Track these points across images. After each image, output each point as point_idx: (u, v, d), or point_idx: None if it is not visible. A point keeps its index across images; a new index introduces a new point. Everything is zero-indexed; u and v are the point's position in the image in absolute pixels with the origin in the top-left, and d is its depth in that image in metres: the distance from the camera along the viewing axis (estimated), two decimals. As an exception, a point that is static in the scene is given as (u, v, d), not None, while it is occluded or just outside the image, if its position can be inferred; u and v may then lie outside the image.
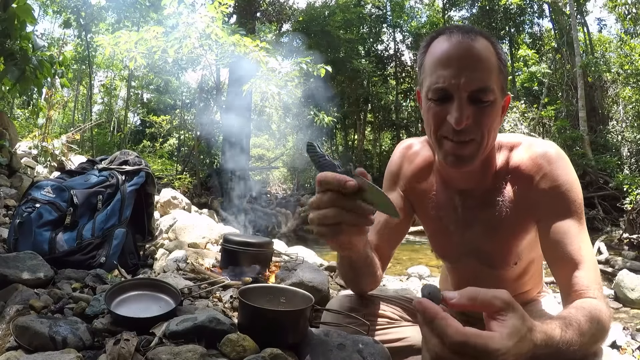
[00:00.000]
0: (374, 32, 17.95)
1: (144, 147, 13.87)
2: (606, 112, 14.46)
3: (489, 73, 0.90)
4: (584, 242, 0.92)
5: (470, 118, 0.90)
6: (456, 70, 0.89)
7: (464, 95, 0.89)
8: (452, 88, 0.89)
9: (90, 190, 2.20)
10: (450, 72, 0.89)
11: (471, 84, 0.88)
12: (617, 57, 13.20)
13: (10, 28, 3.22)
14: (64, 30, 13.67)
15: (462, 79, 0.88)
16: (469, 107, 0.89)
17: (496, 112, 0.94)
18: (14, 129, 4.64)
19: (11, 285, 1.45)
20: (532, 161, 0.99)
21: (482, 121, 0.91)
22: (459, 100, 0.89)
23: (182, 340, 1.03)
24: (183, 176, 10.35)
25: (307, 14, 14.64)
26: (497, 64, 0.93)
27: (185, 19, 6.92)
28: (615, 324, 3.38)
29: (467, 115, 0.89)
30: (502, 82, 0.94)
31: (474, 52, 0.90)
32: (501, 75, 0.94)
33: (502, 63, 0.94)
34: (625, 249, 7.00)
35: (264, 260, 2.20)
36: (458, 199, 1.10)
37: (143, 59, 7.23)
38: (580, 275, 0.88)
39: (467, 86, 0.88)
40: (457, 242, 1.13)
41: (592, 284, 0.87)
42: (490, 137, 0.94)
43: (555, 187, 0.96)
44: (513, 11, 15.82)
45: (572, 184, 0.96)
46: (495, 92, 0.91)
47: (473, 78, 0.88)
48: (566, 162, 0.98)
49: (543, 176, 0.97)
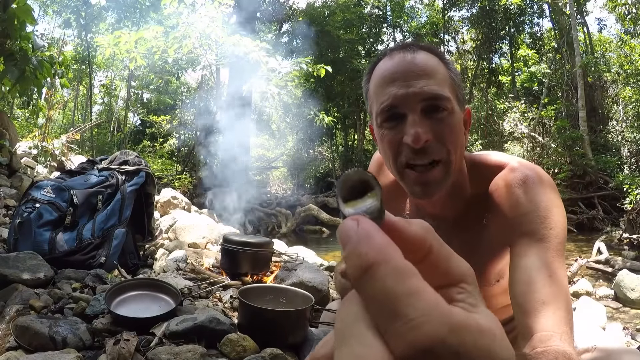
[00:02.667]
0: (374, 32, 17.96)
1: (144, 147, 13.86)
2: (606, 112, 14.47)
3: (438, 81, 0.83)
4: (555, 275, 0.79)
5: (430, 133, 0.80)
6: (403, 82, 0.81)
7: (417, 107, 0.81)
8: (402, 102, 0.81)
9: (90, 190, 2.21)
10: (396, 86, 0.81)
11: (422, 92, 0.80)
12: (617, 57, 13.22)
13: (10, 28, 3.22)
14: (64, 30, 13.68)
15: (410, 88, 0.80)
16: (425, 121, 0.81)
17: (458, 124, 0.84)
18: (14, 129, 4.64)
19: (11, 285, 1.45)
20: (508, 188, 0.90)
21: (444, 135, 0.81)
22: (412, 115, 0.80)
23: (182, 340, 1.03)
24: (183, 176, 10.36)
25: (307, 14, 14.64)
26: (447, 74, 0.85)
27: (185, 19, 6.93)
28: (615, 324, 3.38)
29: (424, 130, 0.80)
30: (457, 93, 0.86)
31: (419, 63, 0.83)
32: (454, 87, 0.86)
33: (452, 73, 0.87)
34: (625, 249, 7.00)
35: (264, 260, 2.20)
36: (431, 222, 1.04)
37: (143, 59, 7.23)
38: (545, 316, 0.74)
39: (418, 96, 0.80)
40: None
41: (558, 327, 0.73)
42: (457, 155, 0.84)
43: (530, 212, 0.85)
44: (513, 11, 15.82)
45: (550, 210, 0.85)
46: (451, 100, 0.83)
47: (422, 86, 0.80)
48: (547, 189, 0.88)
49: (519, 204, 0.88)
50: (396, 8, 18.17)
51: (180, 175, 10.40)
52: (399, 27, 18.51)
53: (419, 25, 18.65)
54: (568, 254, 6.75)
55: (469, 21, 17.14)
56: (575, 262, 5.15)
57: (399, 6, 18.20)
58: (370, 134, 5.15)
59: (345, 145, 18.76)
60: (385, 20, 18.28)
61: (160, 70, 9.44)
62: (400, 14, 18.31)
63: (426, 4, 19.17)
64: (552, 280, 0.77)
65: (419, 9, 19.35)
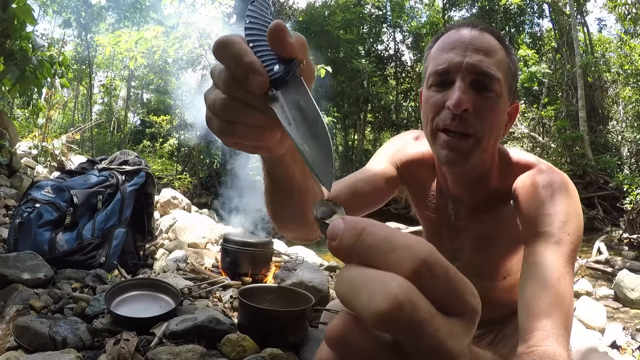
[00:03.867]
0: (374, 32, 17.97)
1: (144, 147, 13.86)
2: (606, 112, 14.48)
3: (495, 62, 0.85)
4: (564, 280, 0.82)
5: (471, 106, 0.83)
6: (461, 50, 0.84)
7: (467, 78, 0.83)
8: (454, 68, 0.84)
9: (90, 190, 2.21)
10: (454, 53, 0.85)
11: (476, 65, 0.83)
12: (617, 57, 13.22)
13: (10, 28, 3.22)
14: (64, 30, 13.67)
15: (466, 58, 0.83)
16: (471, 92, 0.83)
17: (501, 109, 0.87)
18: (14, 129, 4.64)
19: (11, 285, 1.45)
20: (534, 188, 0.92)
21: (483, 113, 0.84)
22: (460, 82, 0.83)
23: (182, 340, 1.03)
24: (183, 176, 10.36)
25: (307, 14, 14.65)
26: (506, 59, 0.88)
27: (186, 18, 6.93)
28: (615, 324, 3.38)
29: (467, 99, 0.82)
30: (510, 82, 0.88)
31: (482, 39, 0.85)
32: (509, 75, 0.88)
33: (511, 62, 0.89)
34: (625, 249, 7.00)
35: (264, 260, 2.20)
36: (452, 205, 1.05)
37: (143, 59, 7.23)
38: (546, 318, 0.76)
39: (471, 67, 0.83)
40: (447, 248, 1.11)
41: (557, 329, 0.76)
42: (490, 138, 0.86)
43: (551, 215, 0.87)
44: (513, 11, 15.83)
45: (570, 216, 0.87)
46: (502, 86, 0.85)
47: (478, 60, 0.83)
48: (570, 195, 0.90)
49: (541, 203, 0.90)
50: (396, 8, 18.18)
51: (180, 175, 10.40)
52: (399, 27, 18.52)
53: (419, 25, 18.65)
54: (568, 254, 6.74)
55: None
56: (575, 262, 5.15)
57: (399, 6, 18.20)
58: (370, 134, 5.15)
59: (345, 145, 18.76)
60: (385, 20, 18.28)
61: (160, 70, 9.43)
62: (400, 14, 18.32)
63: (426, 4, 19.17)
64: (560, 284, 0.80)
65: (419, 9, 19.36)
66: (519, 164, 0.97)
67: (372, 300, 0.24)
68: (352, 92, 16.00)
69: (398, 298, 0.24)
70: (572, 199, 0.90)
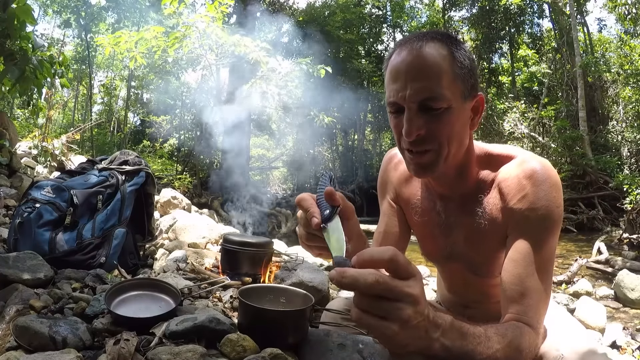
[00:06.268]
0: (374, 32, 17.98)
1: (144, 147, 13.86)
2: (606, 112, 14.48)
3: (437, 80, 0.89)
4: (542, 271, 0.91)
5: (423, 128, 0.90)
6: (402, 82, 0.90)
7: (413, 106, 0.90)
8: (400, 100, 0.91)
9: (90, 190, 2.20)
10: (397, 85, 0.91)
11: (416, 95, 0.89)
12: (617, 57, 13.23)
13: (10, 28, 3.22)
14: (64, 30, 13.67)
15: (408, 90, 0.89)
16: (420, 117, 0.90)
17: (454, 118, 0.92)
18: (14, 129, 4.63)
19: (11, 285, 1.45)
20: (517, 179, 0.97)
21: (437, 130, 0.91)
22: (408, 112, 0.91)
23: (182, 340, 1.03)
24: (183, 176, 10.36)
25: (307, 14, 14.65)
26: (450, 68, 0.90)
27: (186, 19, 6.93)
28: (615, 324, 3.38)
29: (417, 126, 0.90)
30: (460, 85, 0.92)
31: (419, 61, 0.90)
32: (458, 80, 0.91)
33: (459, 65, 0.91)
34: (625, 249, 7.01)
35: (264, 260, 2.20)
36: (440, 203, 1.11)
37: (143, 59, 7.23)
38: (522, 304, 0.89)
39: (413, 97, 0.89)
40: (442, 246, 1.13)
41: (532, 312, 0.89)
42: (452, 145, 0.93)
43: (531, 209, 0.94)
44: (513, 11, 15.83)
45: (550, 209, 0.93)
46: (448, 99, 0.89)
47: (418, 89, 0.89)
48: (552, 186, 0.95)
49: (524, 196, 0.95)
50: (396, 8, 18.18)
51: (180, 175, 10.41)
52: (399, 27, 18.53)
53: (419, 25, 18.67)
54: (568, 254, 6.74)
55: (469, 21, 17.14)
56: (575, 262, 5.15)
57: (399, 6, 18.21)
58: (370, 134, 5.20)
59: (345, 145, 18.76)
60: (385, 20, 18.29)
61: (160, 70, 9.43)
62: (400, 14, 18.33)
63: (426, 4, 19.18)
64: (539, 275, 0.91)
65: (419, 9, 19.38)
66: (501, 156, 1.03)
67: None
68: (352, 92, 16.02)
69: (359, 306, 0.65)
70: (552, 190, 0.95)
